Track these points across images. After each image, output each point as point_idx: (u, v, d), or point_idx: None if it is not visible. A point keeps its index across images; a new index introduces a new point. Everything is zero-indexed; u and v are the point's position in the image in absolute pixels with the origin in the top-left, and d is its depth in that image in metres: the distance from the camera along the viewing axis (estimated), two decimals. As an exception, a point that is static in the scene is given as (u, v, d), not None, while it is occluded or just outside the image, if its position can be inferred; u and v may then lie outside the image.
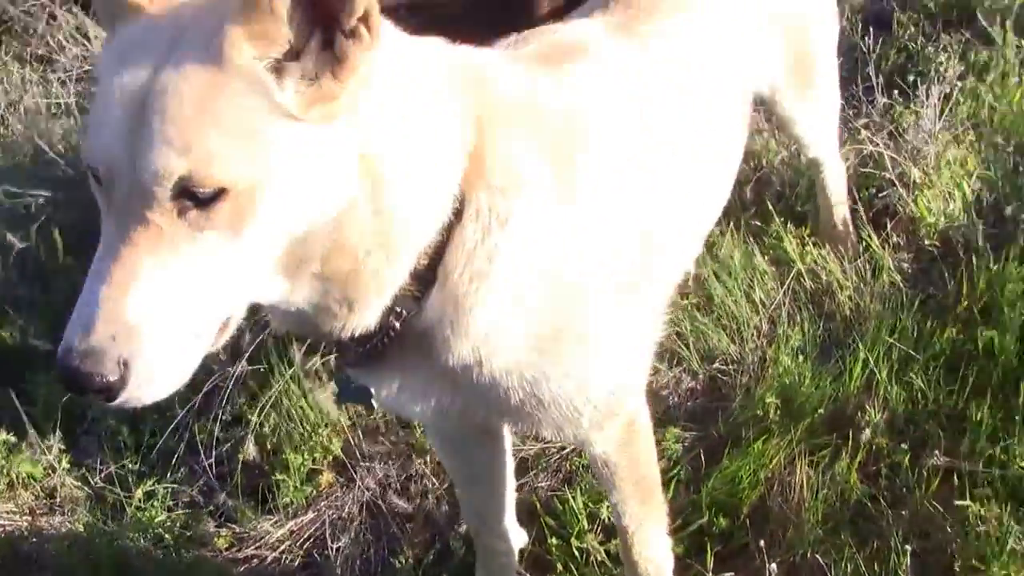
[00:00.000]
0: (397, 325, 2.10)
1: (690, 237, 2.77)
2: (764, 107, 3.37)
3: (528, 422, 2.39)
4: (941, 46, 4.35)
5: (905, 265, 3.69)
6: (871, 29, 4.42)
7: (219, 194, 1.76)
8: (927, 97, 3.95)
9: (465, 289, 2.11)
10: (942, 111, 3.98)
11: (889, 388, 3.31)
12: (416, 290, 2.08)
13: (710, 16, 2.78)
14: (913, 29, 4.48)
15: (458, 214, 2.07)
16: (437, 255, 2.08)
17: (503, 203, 2.11)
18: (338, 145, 1.88)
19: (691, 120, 2.66)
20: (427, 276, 2.08)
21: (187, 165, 1.73)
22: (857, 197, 3.83)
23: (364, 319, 2.07)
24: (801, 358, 3.42)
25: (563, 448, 3.36)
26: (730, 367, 3.52)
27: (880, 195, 3.84)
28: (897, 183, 3.78)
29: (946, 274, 3.60)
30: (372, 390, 2.29)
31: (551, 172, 2.20)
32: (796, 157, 3.91)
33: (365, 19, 1.81)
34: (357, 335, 2.10)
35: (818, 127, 3.43)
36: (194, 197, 1.76)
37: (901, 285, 3.60)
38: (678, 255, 2.70)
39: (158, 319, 1.77)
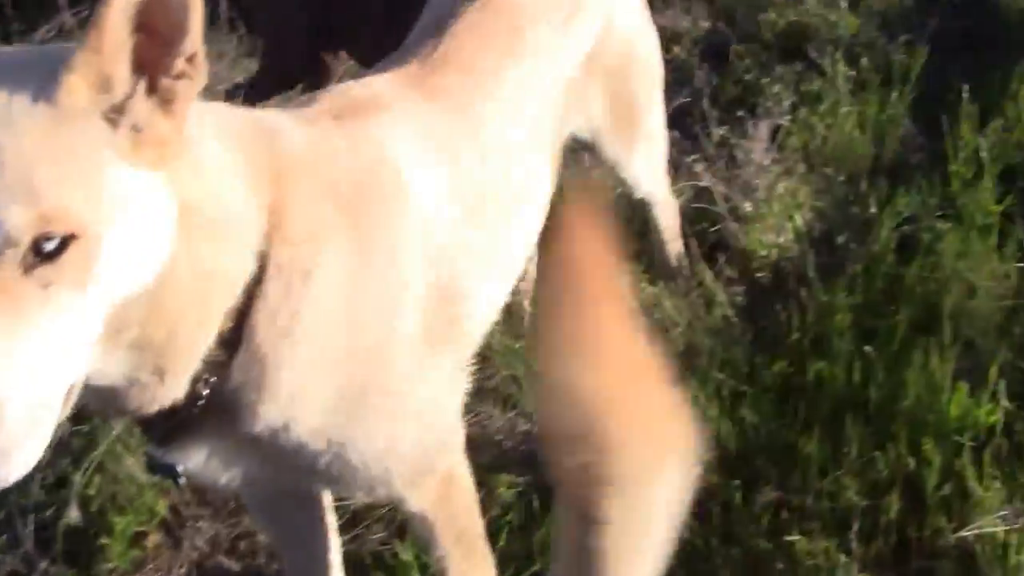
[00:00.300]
0: (205, 393, 2.02)
1: (497, 287, 2.72)
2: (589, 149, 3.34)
3: (339, 485, 2.34)
4: (776, 77, 4.38)
5: (739, 298, 3.69)
6: (707, 62, 4.46)
7: (65, 244, 1.66)
8: (755, 130, 3.97)
9: (270, 349, 2.04)
10: (774, 143, 4.01)
11: (721, 424, 3.30)
12: (223, 354, 2.01)
13: (508, 67, 2.74)
14: (750, 61, 4.50)
15: (260, 272, 2.01)
16: (242, 316, 2.01)
17: (304, 258, 2.06)
18: (165, 193, 1.81)
19: (493, 169, 2.62)
20: (233, 339, 2.01)
21: (34, 215, 1.63)
22: (690, 232, 3.82)
23: (173, 390, 1.98)
24: (634, 397, 3.39)
25: (393, 499, 3.31)
26: (565, 408, 3.48)
27: (713, 229, 3.84)
28: (728, 217, 3.78)
29: (779, 306, 3.61)
30: (179, 467, 2.20)
31: (349, 226, 2.16)
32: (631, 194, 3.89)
33: (192, 59, 1.78)
34: (166, 408, 2.01)
35: (644, 168, 3.41)
36: (39, 251, 1.65)
37: (734, 318, 3.60)
38: (484, 307, 2.64)
39: (10, 391, 1.65)
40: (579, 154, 3.31)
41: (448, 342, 2.42)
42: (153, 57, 1.76)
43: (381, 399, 2.23)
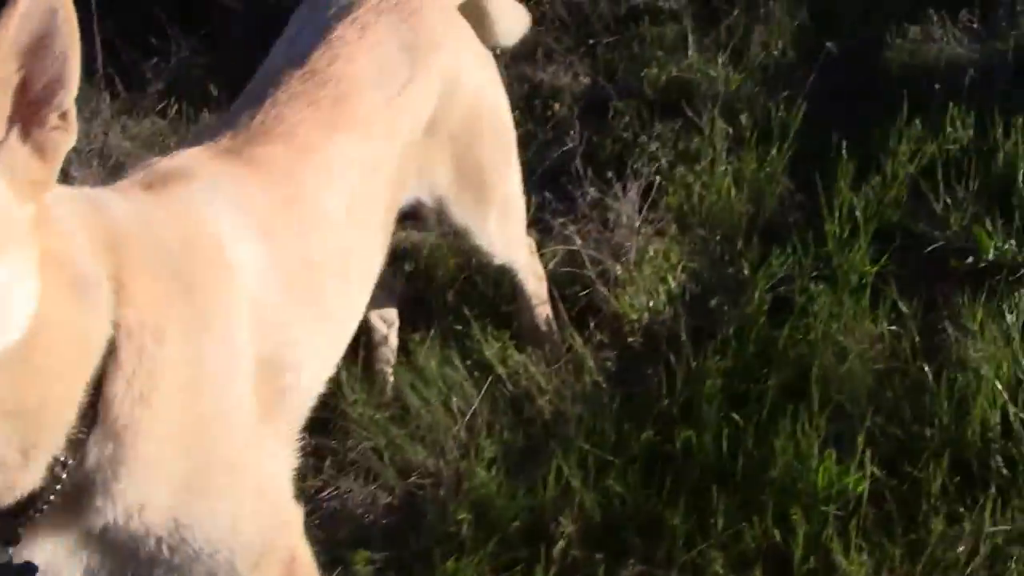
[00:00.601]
0: (64, 476, 1.91)
1: (323, 358, 2.64)
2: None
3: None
4: (654, 134, 4.30)
5: (610, 364, 3.60)
6: (586, 119, 4.38)
7: None
8: (624, 191, 3.89)
9: (129, 419, 1.95)
10: (646, 203, 3.93)
11: (585, 496, 3.19)
12: (82, 430, 1.91)
13: (331, 137, 2.66)
14: (628, 118, 4.42)
15: (114, 337, 1.94)
16: (99, 386, 1.92)
17: (153, 320, 1.99)
18: (31, 236, 1.77)
19: (314, 241, 2.55)
20: (91, 412, 1.91)
21: None
22: (560, 296, 3.72)
23: (35, 473, 1.88)
24: (495, 469, 3.28)
25: None
26: (427, 481, 3.36)
27: (583, 293, 3.74)
28: (598, 281, 3.69)
29: (650, 371, 3.52)
30: (36, 563, 2.04)
31: (183, 291, 2.11)
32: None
33: (65, 115, 1.78)
34: (25, 496, 1.90)
35: (500, 236, 3.31)
36: None
37: (604, 385, 3.50)
38: (311, 379, 2.57)
39: None
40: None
41: (279, 415, 2.35)
42: (28, 107, 1.75)
43: (224, 474, 2.15)
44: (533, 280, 3.57)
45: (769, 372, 3.45)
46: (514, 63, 4.93)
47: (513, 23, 3.54)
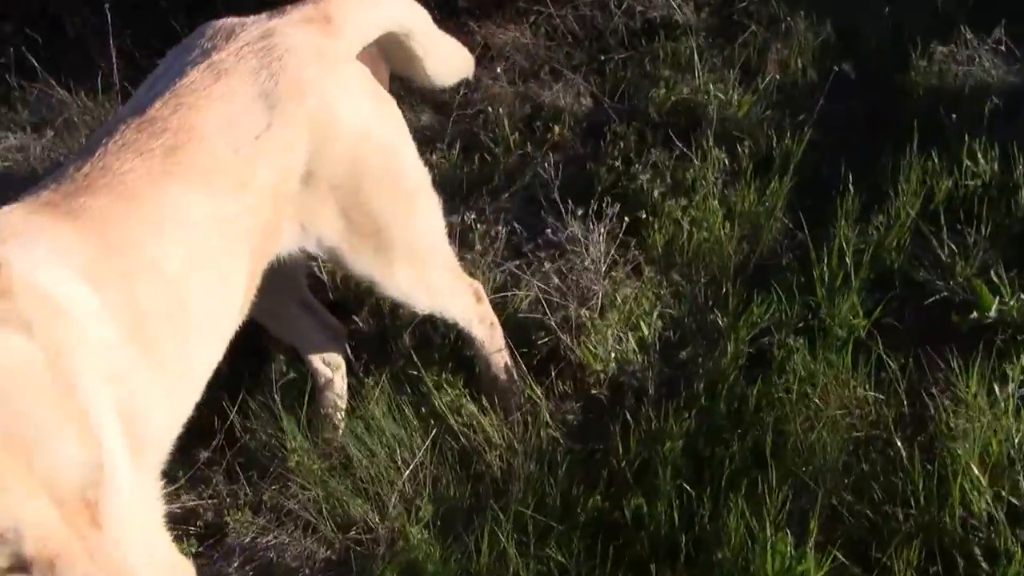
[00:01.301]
0: None
1: (173, 406, 2.54)
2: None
3: None
4: (649, 162, 4.04)
5: (570, 417, 3.36)
6: (579, 144, 4.16)
7: None
8: (590, 231, 3.64)
9: None
10: (630, 240, 3.69)
11: (521, 564, 2.98)
12: None
13: (163, 188, 2.53)
14: (623, 144, 4.15)
15: None
16: None
17: None
18: None
19: (151, 291, 2.44)
20: None
21: None
22: (527, 341, 3.50)
23: None
24: (432, 530, 3.08)
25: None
26: (366, 536, 3.17)
27: (545, 339, 3.50)
28: (561, 327, 3.46)
29: (612, 426, 3.28)
30: None
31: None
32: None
33: None
34: None
35: (412, 287, 3.11)
36: None
37: (561, 441, 3.27)
38: (161, 427, 2.50)
39: None
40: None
41: (143, 462, 2.35)
42: None
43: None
44: (481, 327, 3.34)
45: (732, 436, 3.19)
46: (521, 81, 4.71)
47: (447, 63, 3.35)
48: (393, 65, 3.27)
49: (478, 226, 3.91)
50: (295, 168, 2.73)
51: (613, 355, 3.44)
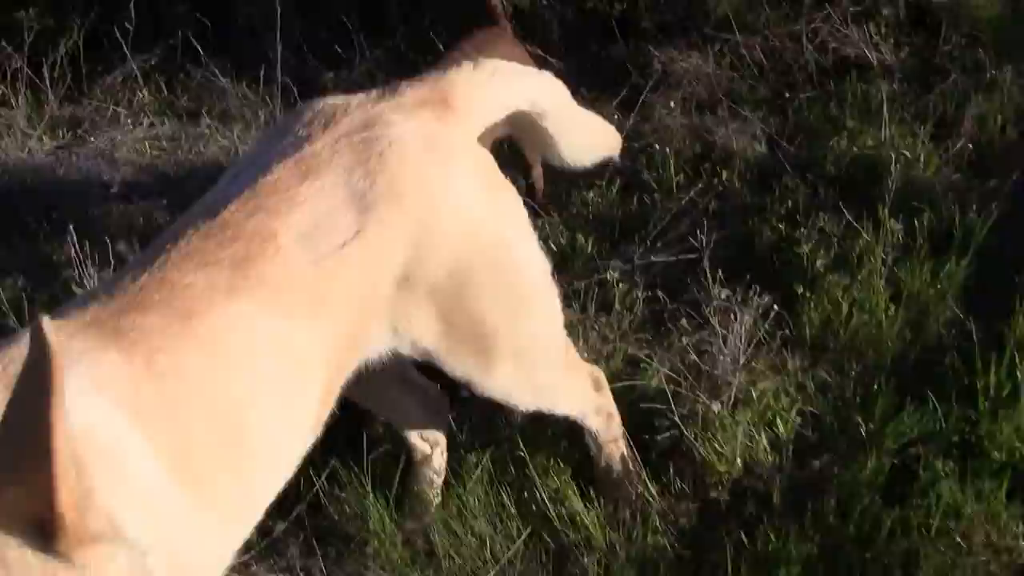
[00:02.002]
0: None
1: (222, 542, 2.31)
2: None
3: None
4: (816, 227, 3.67)
5: (683, 521, 3.07)
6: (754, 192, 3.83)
7: None
8: (736, 304, 3.30)
9: None
10: (778, 322, 3.35)
11: None
12: None
13: (229, 305, 2.27)
14: (791, 202, 3.79)
15: None
16: None
17: None
18: None
19: (203, 423, 2.20)
20: None
21: None
22: (642, 429, 3.21)
23: None
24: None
25: None
26: (447, 635, 2.97)
27: (666, 434, 3.20)
28: (683, 422, 3.15)
29: (725, 539, 2.97)
30: None
31: None
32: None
33: None
34: None
35: (515, 388, 2.81)
36: None
37: (668, 548, 2.99)
38: (211, 563, 2.27)
39: None
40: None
41: None
42: None
43: None
44: (597, 419, 3.06)
45: (862, 563, 2.85)
46: (695, 113, 4.39)
47: (587, 144, 3.02)
48: (523, 143, 2.98)
49: (619, 285, 3.63)
50: (389, 273, 2.47)
51: (740, 454, 3.12)
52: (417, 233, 2.48)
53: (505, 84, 2.81)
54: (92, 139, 4.93)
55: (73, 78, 5.21)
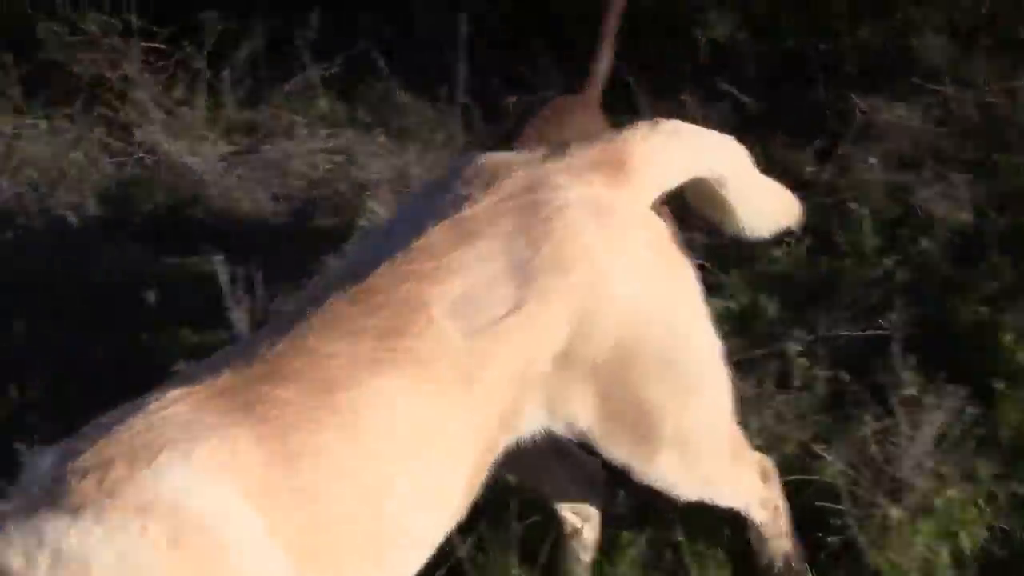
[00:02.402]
0: None
1: None
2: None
3: None
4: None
5: (851, 636, 2.81)
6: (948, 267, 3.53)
7: None
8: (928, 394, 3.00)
9: None
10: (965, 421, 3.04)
11: None
12: None
13: (373, 379, 2.12)
14: (997, 283, 3.47)
15: None
16: None
17: None
18: None
19: (338, 507, 2.06)
20: None
21: None
22: (811, 526, 2.94)
23: None
24: None
25: None
26: None
27: (837, 536, 2.92)
28: (857, 524, 2.87)
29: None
30: None
31: None
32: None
33: None
34: None
35: (677, 476, 2.59)
36: None
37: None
38: None
39: None
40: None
41: None
42: None
43: None
44: (762, 512, 2.81)
45: None
46: (896, 170, 4.08)
47: (765, 213, 2.76)
48: (696, 209, 2.75)
49: (800, 359, 3.37)
50: (548, 350, 2.29)
51: (918, 567, 2.83)
52: (582, 308, 2.28)
53: (685, 148, 2.59)
54: (266, 147, 4.84)
55: (252, 83, 5.12)
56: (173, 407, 1.99)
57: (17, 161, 4.90)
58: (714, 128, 4.48)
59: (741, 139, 2.71)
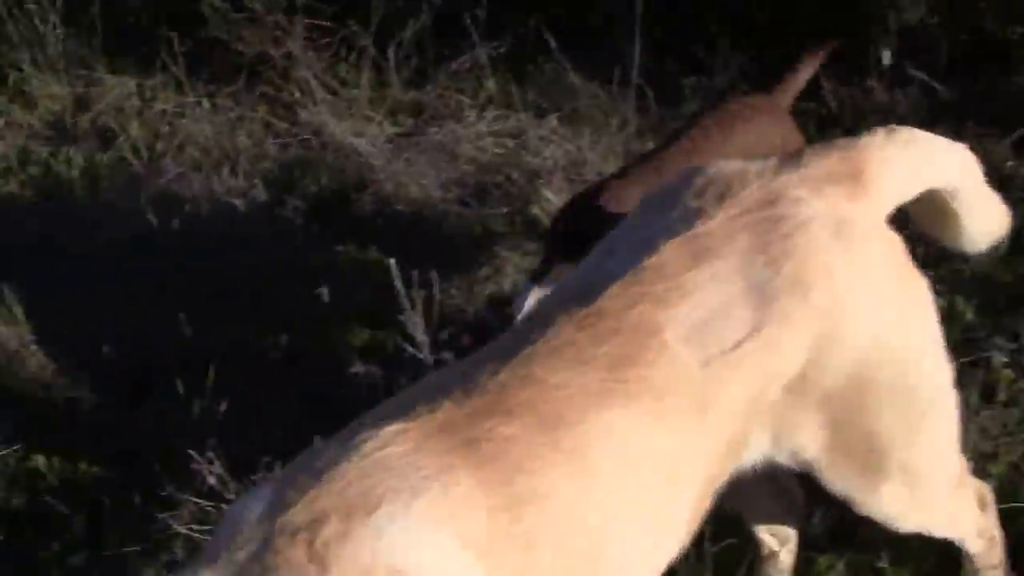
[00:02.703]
0: None
1: None
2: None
3: None
4: None
5: None
6: None
7: None
8: None
9: None
10: None
11: None
12: None
13: (606, 411, 1.98)
14: None
15: None
16: None
17: None
18: None
19: (549, 553, 1.92)
20: None
21: None
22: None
23: None
24: None
25: None
26: None
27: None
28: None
29: None
30: None
31: None
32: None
33: None
34: None
35: (895, 507, 2.42)
36: None
37: None
38: None
39: None
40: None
41: None
42: None
43: None
44: (978, 542, 2.63)
45: None
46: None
47: (987, 226, 2.57)
48: (919, 221, 2.56)
49: (1005, 371, 3.16)
50: (782, 376, 2.14)
51: None
52: (820, 332, 2.12)
53: (921, 157, 2.40)
54: (433, 130, 4.71)
55: (418, 62, 5.00)
56: (390, 447, 1.87)
57: (180, 140, 4.85)
58: (904, 117, 4.33)
59: (931, 128, 2.52)
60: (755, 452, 2.25)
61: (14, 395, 3.83)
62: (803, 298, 2.10)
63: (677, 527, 2.12)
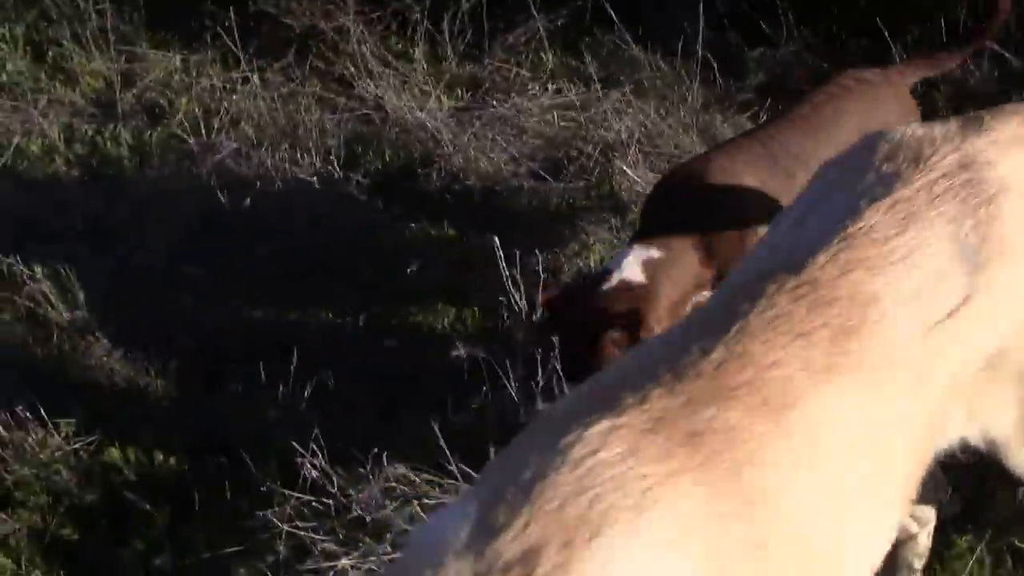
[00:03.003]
0: None
1: None
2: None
3: None
4: None
5: None
6: None
7: None
8: None
9: None
10: None
11: None
12: None
13: (818, 385, 1.85)
14: None
15: None
16: None
17: None
18: None
19: (779, 550, 1.78)
20: None
21: None
22: None
23: None
24: None
25: None
26: None
27: None
28: None
29: None
30: None
31: None
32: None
33: None
34: None
35: None
36: None
37: None
38: None
39: None
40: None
41: None
42: None
43: None
44: None
45: None
46: None
47: None
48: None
49: None
50: (985, 348, 2.04)
51: None
52: (1020, 303, 2.03)
53: None
54: (494, 103, 4.59)
55: (473, 35, 4.87)
56: (602, 452, 1.70)
57: (232, 116, 4.72)
58: (975, 88, 4.24)
59: (1002, 99, 2.42)
60: (952, 432, 2.14)
61: (81, 384, 3.66)
62: (1012, 265, 2.01)
63: (895, 511, 2.01)
